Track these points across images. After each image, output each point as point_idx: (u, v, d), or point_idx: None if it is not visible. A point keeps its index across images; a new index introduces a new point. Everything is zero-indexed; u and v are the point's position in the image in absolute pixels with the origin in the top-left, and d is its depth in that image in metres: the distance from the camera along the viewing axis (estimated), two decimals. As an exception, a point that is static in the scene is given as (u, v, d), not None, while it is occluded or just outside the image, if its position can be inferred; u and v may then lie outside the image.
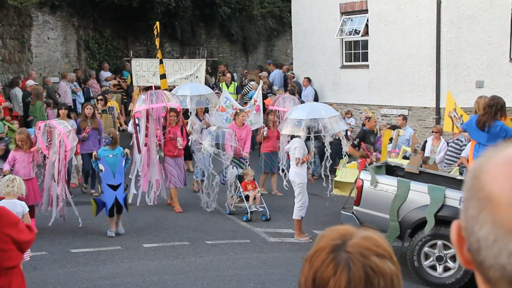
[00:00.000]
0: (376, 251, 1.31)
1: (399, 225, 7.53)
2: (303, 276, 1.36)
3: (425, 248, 7.39)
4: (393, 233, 7.56)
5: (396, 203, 7.55)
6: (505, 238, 0.90)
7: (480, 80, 13.93)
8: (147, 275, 7.40)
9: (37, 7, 17.42)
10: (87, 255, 8.14)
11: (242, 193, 10.45)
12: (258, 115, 12.86)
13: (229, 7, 22.45)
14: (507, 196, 0.91)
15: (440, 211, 7.22)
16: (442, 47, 13.99)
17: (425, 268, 7.43)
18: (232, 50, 24.16)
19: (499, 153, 0.98)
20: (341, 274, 1.28)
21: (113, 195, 8.96)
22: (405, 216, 7.52)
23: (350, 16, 16.49)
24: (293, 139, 9.44)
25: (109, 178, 9.03)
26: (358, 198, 7.93)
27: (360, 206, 7.92)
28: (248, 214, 10.17)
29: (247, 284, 7.18)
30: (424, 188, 7.50)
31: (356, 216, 7.94)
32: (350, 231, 1.37)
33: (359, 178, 8.05)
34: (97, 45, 20.04)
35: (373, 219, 7.75)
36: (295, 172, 9.27)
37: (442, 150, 11.62)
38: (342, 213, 8.31)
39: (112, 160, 9.07)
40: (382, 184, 7.77)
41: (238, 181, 10.58)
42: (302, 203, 9.16)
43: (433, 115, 14.41)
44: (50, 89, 16.25)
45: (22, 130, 9.36)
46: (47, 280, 7.07)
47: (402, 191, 7.55)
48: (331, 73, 17.17)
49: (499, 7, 13.75)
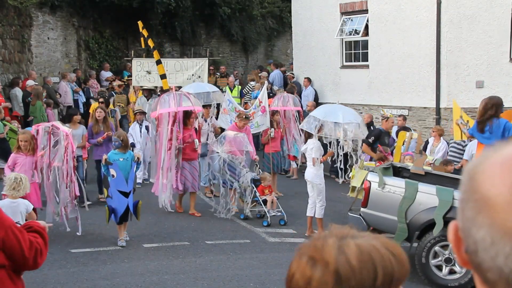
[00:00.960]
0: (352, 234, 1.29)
1: (407, 227, 7.50)
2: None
3: (436, 247, 7.36)
4: (401, 235, 7.53)
5: (404, 205, 7.52)
6: (502, 241, 0.89)
7: (480, 80, 13.93)
8: (147, 275, 7.41)
9: (37, 7, 17.43)
10: (87, 255, 8.14)
11: (259, 197, 10.27)
12: (264, 116, 12.59)
13: (229, 7, 22.45)
14: (503, 197, 0.90)
15: (448, 213, 7.19)
16: (442, 47, 13.99)
17: (431, 266, 7.39)
18: (232, 50, 24.16)
19: (496, 153, 0.96)
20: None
21: (124, 202, 8.44)
22: (413, 217, 7.49)
23: (350, 16, 16.49)
24: (308, 140, 9.49)
25: (121, 185, 8.47)
26: (366, 199, 7.88)
27: (367, 208, 7.88)
28: (268, 219, 10.04)
29: (247, 284, 7.18)
30: (432, 190, 7.47)
31: (364, 218, 7.90)
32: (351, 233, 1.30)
33: (366, 179, 8.00)
34: (97, 45, 20.05)
35: (381, 221, 7.74)
36: (312, 172, 9.40)
37: (441, 150, 11.61)
38: (349, 215, 8.26)
39: (123, 164, 8.57)
40: (390, 185, 7.74)
41: (253, 185, 10.38)
42: (323, 202, 9.38)
43: (433, 115, 14.41)
44: (50, 89, 16.27)
45: (25, 131, 9.04)
46: (47, 280, 7.07)
47: (410, 192, 7.52)
48: (331, 73, 17.17)
49: (499, 7, 13.75)
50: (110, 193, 8.62)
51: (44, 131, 8.70)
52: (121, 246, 8.45)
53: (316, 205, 9.38)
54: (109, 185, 8.74)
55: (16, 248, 3.22)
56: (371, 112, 15.14)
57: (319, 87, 17.47)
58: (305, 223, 10.14)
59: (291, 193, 12.10)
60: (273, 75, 19.34)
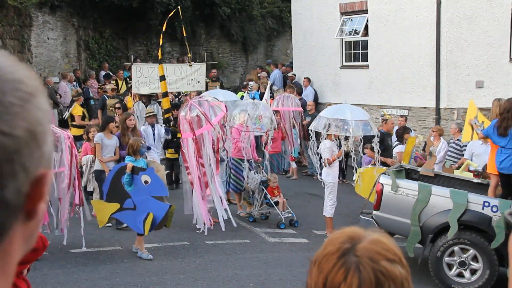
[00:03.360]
0: (386, 256, 1.32)
1: (421, 230, 7.44)
2: (312, 281, 1.35)
3: (456, 247, 7.33)
4: (415, 238, 7.48)
5: (417, 208, 7.45)
6: None
7: (480, 80, 13.92)
8: (147, 275, 7.40)
9: (37, 7, 17.43)
10: (87, 255, 8.13)
11: (271, 199, 10.19)
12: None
13: (229, 7, 22.45)
14: None
15: (463, 216, 7.15)
16: (442, 47, 13.99)
17: (443, 262, 7.36)
18: (232, 50, 24.16)
19: None
20: (352, 279, 1.28)
21: (164, 206, 8.01)
22: (427, 220, 7.43)
23: (350, 16, 16.49)
24: (323, 141, 9.55)
25: (158, 189, 7.99)
26: (378, 202, 7.79)
27: (380, 211, 7.80)
28: (282, 221, 9.99)
29: (247, 284, 7.18)
30: (446, 192, 7.42)
31: (376, 220, 7.82)
32: (358, 233, 1.36)
33: (378, 182, 7.92)
34: (97, 45, 20.05)
35: (394, 223, 7.67)
36: (325, 171, 9.53)
37: (442, 150, 11.61)
38: (361, 217, 8.19)
39: None
40: (403, 188, 7.66)
41: (263, 187, 10.29)
42: (334, 201, 9.44)
43: (433, 115, 14.40)
44: (51, 89, 16.25)
45: None
46: (47, 280, 7.07)
47: (423, 195, 7.46)
48: (331, 73, 17.17)
49: (499, 7, 13.74)
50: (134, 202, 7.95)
51: None
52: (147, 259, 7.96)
53: (327, 204, 9.47)
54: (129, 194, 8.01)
55: None
56: (371, 112, 15.13)
57: (319, 87, 17.47)
58: (305, 223, 10.15)
59: (291, 193, 12.09)
60: (273, 75, 19.34)
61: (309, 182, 13.60)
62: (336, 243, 1.35)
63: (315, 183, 12.48)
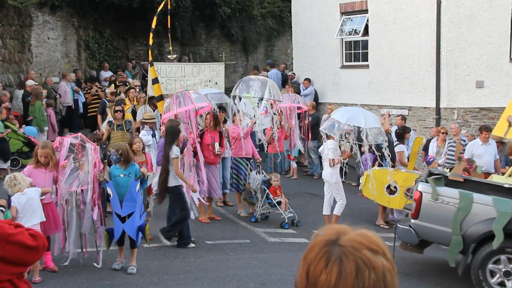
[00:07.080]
0: (369, 246, 1.33)
1: (462, 239, 7.23)
2: (298, 273, 1.38)
3: (503, 256, 7.10)
4: (456, 247, 7.26)
5: (459, 216, 7.23)
6: None
7: (480, 80, 13.93)
8: (147, 275, 7.40)
9: (37, 7, 17.44)
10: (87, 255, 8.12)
11: (273, 199, 10.16)
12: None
13: (229, 7, 22.45)
14: None
15: (508, 225, 6.95)
16: (442, 47, 13.99)
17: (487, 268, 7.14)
18: (232, 50, 24.15)
19: None
20: (332, 267, 1.30)
21: (119, 227, 7.39)
22: (469, 229, 7.21)
23: (350, 16, 16.50)
24: (327, 141, 9.53)
25: (116, 207, 7.39)
26: (417, 211, 7.55)
27: (419, 220, 7.57)
28: (286, 221, 9.98)
29: (247, 284, 7.18)
30: (488, 200, 7.22)
31: (414, 229, 7.60)
32: (346, 229, 1.39)
33: (417, 189, 7.66)
34: (97, 45, 20.06)
35: (434, 232, 7.49)
36: (329, 172, 9.53)
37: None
38: (398, 226, 7.97)
39: (123, 181, 7.36)
40: (443, 196, 7.43)
41: (266, 187, 10.23)
42: (344, 200, 9.53)
43: (433, 115, 14.41)
44: (49, 89, 16.25)
45: (46, 143, 7.50)
46: (47, 280, 7.07)
47: (465, 203, 7.24)
48: (331, 73, 17.18)
49: (499, 7, 13.75)
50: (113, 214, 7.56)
51: (69, 144, 7.57)
52: (113, 269, 7.52)
53: (337, 203, 9.58)
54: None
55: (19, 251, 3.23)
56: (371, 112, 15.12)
57: (319, 87, 17.48)
58: (305, 223, 10.15)
59: (291, 193, 12.09)
60: (270, 75, 19.29)
61: (309, 182, 13.61)
62: (322, 236, 1.37)
63: (315, 183, 12.51)
